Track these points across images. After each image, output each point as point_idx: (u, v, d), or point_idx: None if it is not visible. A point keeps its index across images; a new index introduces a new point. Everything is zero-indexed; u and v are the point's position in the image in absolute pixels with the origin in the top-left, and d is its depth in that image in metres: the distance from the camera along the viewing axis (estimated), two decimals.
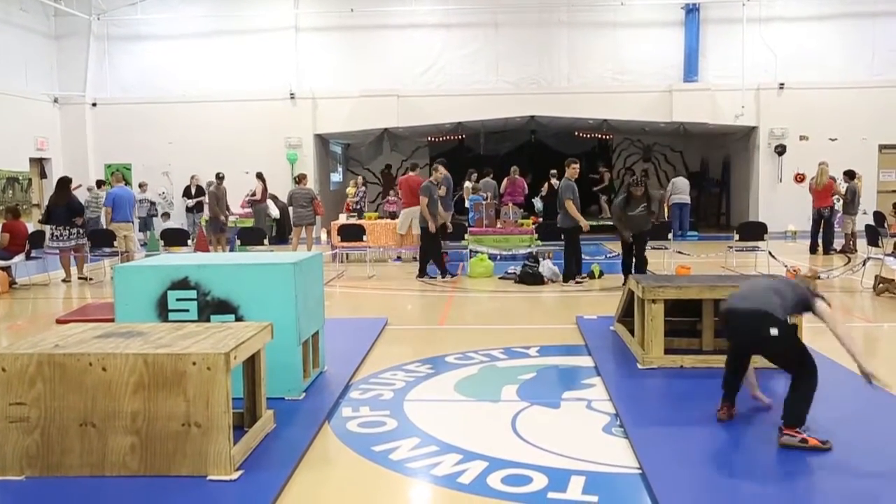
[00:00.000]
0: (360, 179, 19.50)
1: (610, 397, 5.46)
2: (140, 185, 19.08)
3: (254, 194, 17.04)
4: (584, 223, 11.34)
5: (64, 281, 12.44)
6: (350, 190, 19.03)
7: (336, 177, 23.28)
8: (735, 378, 4.82)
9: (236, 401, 4.22)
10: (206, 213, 16.39)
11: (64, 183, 12.70)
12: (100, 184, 17.59)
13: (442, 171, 12.48)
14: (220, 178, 15.88)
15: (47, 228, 13.23)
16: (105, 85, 20.45)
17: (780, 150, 19.42)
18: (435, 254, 12.01)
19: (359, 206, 17.99)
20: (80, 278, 12.53)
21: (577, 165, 11.50)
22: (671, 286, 6.27)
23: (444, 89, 19.85)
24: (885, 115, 18.93)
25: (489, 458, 4.35)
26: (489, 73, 19.97)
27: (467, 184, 16.50)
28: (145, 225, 18.59)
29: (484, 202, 14.72)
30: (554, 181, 16.78)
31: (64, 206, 12.33)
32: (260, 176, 16.97)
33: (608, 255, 14.26)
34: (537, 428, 4.90)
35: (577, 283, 11.37)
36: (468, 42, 20.08)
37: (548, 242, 12.96)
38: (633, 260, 10.77)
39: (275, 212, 17.77)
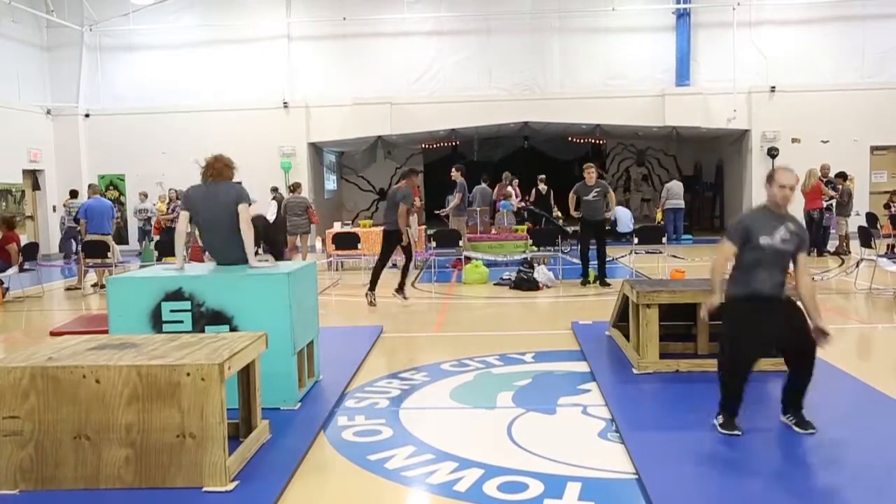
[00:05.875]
0: (171, 193, 17.14)
1: (605, 402, 5.47)
2: (141, 195, 18.69)
3: None
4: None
5: (97, 286, 12.84)
6: (161, 206, 17.51)
7: (330, 185, 23.27)
8: None
9: (231, 411, 4.21)
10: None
11: (94, 190, 14.00)
12: (73, 194, 16.92)
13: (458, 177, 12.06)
14: None
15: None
16: (98, 96, 20.39)
17: (773, 152, 19.48)
18: None
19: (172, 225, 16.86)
20: (92, 285, 12.93)
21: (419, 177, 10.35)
22: (666, 290, 6.28)
23: (437, 96, 19.86)
24: (875, 117, 18.99)
25: (485, 466, 4.34)
26: (482, 79, 19.98)
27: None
28: (144, 235, 18.34)
29: (478, 209, 14.74)
30: (542, 186, 16.81)
31: None
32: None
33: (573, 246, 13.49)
34: (533, 434, 4.90)
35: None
36: (461, 49, 20.10)
37: (543, 248, 12.98)
38: (596, 253, 11.07)
39: (271, 212, 17.50)
